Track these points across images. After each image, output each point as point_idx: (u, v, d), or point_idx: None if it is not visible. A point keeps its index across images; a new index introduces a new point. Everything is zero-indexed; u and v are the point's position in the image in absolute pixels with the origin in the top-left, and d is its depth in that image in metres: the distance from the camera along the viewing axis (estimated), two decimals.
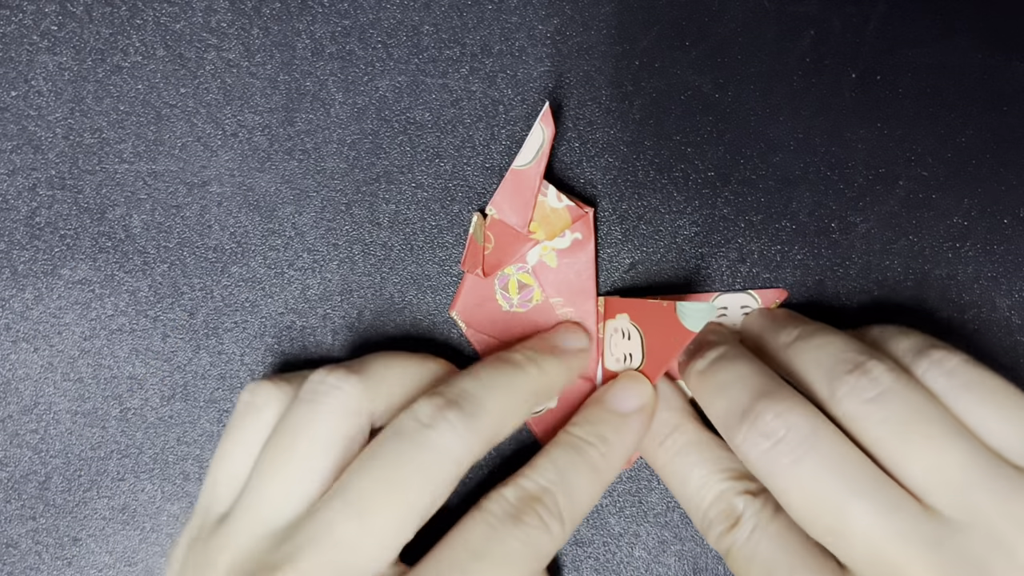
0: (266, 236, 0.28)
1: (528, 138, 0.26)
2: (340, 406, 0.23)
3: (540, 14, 0.28)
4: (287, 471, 0.22)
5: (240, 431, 0.24)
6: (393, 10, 0.28)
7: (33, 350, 0.28)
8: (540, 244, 0.27)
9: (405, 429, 0.22)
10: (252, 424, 0.24)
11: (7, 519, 0.28)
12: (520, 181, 0.26)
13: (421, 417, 0.22)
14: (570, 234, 0.27)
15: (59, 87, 0.28)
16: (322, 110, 0.28)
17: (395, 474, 0.21)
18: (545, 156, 0.26)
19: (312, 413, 0.23)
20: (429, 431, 0.21)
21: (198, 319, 0.28)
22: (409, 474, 0.21)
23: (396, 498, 0.21)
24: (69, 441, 0.28)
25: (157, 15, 0.28)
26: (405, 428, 0.22)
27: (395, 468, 0.21)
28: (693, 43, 0.28)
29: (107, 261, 0.28)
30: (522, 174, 0.26)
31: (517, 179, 0.26)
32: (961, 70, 0.28)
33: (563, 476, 0.23)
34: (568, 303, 0.27)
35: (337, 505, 0.21)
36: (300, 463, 0.22)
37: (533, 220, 0.27)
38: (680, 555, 0.28)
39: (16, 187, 0.28)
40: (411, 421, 0.22)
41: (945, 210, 0.28)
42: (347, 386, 0.23)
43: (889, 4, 0.28)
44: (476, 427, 0.22)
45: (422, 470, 0.21)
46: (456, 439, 0.21)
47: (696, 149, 0.28)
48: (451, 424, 0.22)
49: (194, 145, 0.28)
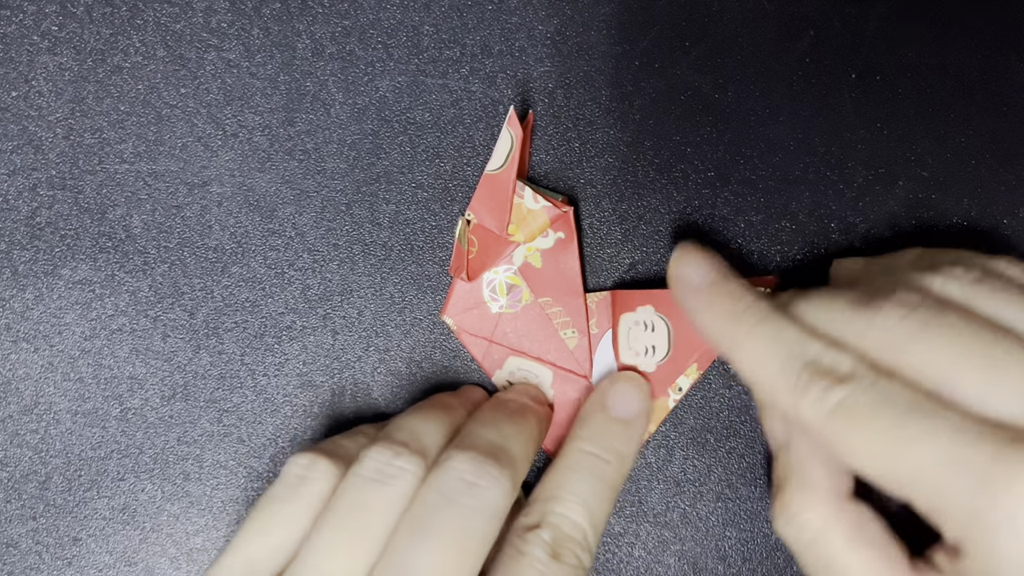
0: (266, 236, 0.28)
1: (498, 142, 0.26)
2: (410, 489, 0.22)
3: (540, 14, 0.28)
4: (357, 548, 0.22)
5: (290, 504, 0.23)
6: (393, 10, 0.28)
7: (33, 350, 0.28)
8: (524, 246, 0.27)
9: (452, 492, 0.22)
10: (306, 498, 0.23)
11: (7, 519, 0.28)
12: (494, 185, 0.26)
13: (466, 475, 0.22)
14: (553, 234, 0.27)
15: (59, 87, 0.28)
16: (322, 110, 0.28)
17: (459, 543, 0.21)
18: (516, 159, 0.25)
19: (382, 494, 0.22)
20: (478, 489, 0.22)
21: (198, 319, 0.28)
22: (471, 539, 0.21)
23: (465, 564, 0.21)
24: (69, 441, 0.28)
25: (157, 15, 0.28)
26: (452, 491, 0.22)
27: (458, 536, 0.21)
28: (693, 43, 0.28)
29: (107, 261, 0.28)
30: (495, 178, 0.26)
31: (491, 183, 0.26)
32: (961, 70, 0.28)
33: (588, 506, 0.23)
34: (557, 302, 0.27)
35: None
36: (372, 544, 0.22)
37: (511, 222, 0.27)
38: (680, 555, 0.28)
39: (16, 187, 0.28)
40: (456, 482, 0.22)
41: (945, 210, 0.28)
42: (414, 468, 0.23)
43: (889, 4, 0.28)
44: (515, 477, 0.22)
45: (480, 532, 0.21)
46: (502, 493, 0.22)
47: (696, 149, 0.28)
48: (495, 478, 0.22)
49: (194, 145, 0.28)
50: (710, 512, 0.28)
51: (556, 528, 0.23)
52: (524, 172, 0.28)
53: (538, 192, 0.26)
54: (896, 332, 0.20)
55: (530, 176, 0.28)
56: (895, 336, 0.20)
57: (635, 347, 0.27)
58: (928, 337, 0.20)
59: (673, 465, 0.28)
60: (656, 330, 0.26)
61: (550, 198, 0.27)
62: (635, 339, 0.27)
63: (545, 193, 0.27)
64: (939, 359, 0.20)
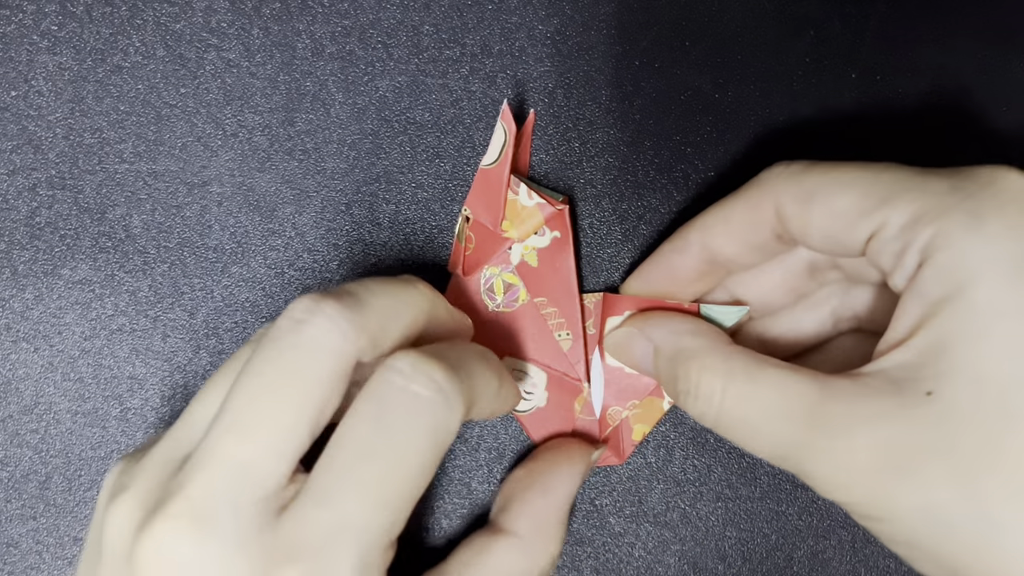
0: (266, 236, 0.28)
1: (492, 138, 0.26)
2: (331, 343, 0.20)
3: (540, 14, 0.28)
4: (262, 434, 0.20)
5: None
6: (393, 10, 0.28)
7: (33, 350, 0.28)
8: (521, 244, 0.27)
9: (279, 330, 0.20)
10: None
11: (8, 519, 0.28)
12: (488, 179, 0.26)
13: (295, 314, 0.20)
14: (549, 232, 0.27)
15: (59, 87, 0.28)
16: (322, 110, 0.28)
17: (272, 380, 0.19)
18: (509, 154, 0.26)
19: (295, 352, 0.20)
20: (304, 326, 0.19)
21: (198, 319, 0.28)
22: (286, 377, 0.19)
23: (277, 407, 0.19)
24: (69, 441, 0.28)
25: (157, 15, 0.28)
26: (278, 328, 0.20)
27: (271, 375, 0.19)
28: (693, 43, 0.28)
29: (107, 261, 0.28)
30: (489, 172, 0.26)
31: (486, 178, 0.26)
32: (961, 70, 0.28)
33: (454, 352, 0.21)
34: (552, 303, 0.27)
35: (220, 426, 0.19)
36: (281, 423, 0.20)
37: (505, 219, 0.27)
38: (680, 555, 0.28)
39: (16, 187, 0.28)
40: (284, 321, 0.20)
41: None
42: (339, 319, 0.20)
43: (889, 4, 0.28)
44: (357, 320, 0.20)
45: (299, 370, 0.19)
46: (336, 331, 0.19)
47: (696, 149, 0.28)
48: (329, 316, 0.19)
49: (194, 145, 0.28)
50: (710, 512, 0.28)
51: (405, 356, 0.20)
52: (524, 171, 0.28)
53: (533, 189, 0.26)
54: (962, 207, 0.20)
55: (531, 176, 0.28)
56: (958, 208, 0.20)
57: None
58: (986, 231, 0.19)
59: (673, 465, 0.28)
60: None
61: (546, 196, 0.27)
62: None
63: (542, 191, 0.27)
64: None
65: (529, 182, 0.27)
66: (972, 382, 0.18)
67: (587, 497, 0.28)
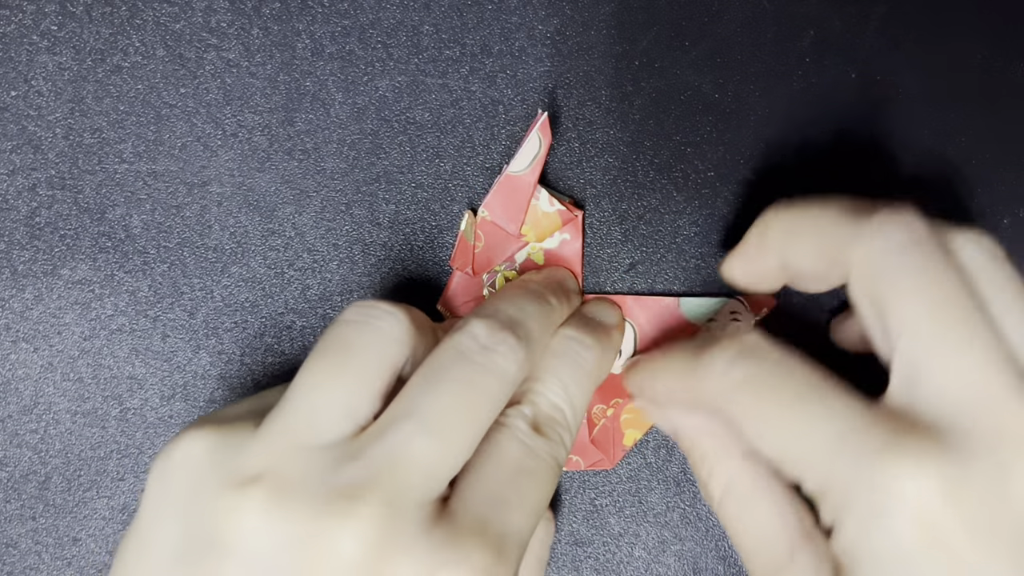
0: (266, 236, 0.28)
1: (525, 145, 0.26)
2: (394, 333, 0.21)
3: (540, 14, 0.28)
4: (341, 384, 0.21)
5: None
6: (393, 10, 0.28)
7: (33, 350, 0.28)
8: (529, 244, 0.27)
9: (468, 350, 0.21)
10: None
11: (7, 519, 0.28)
12: (515, 187, 0.26)
13: (480, 339, 0.22)
14: (559, 235, 0.27)
15: (59, 87, 0.28)
16: (322, 110, 0.28)
17: (467, 395, 0.21)
18: (540, 164, 0.26)
19: (368, 335, 0.21)
20: (492, 354, 0.21)
21: (198, 319, 0.28)
22: (479, 396, 0.21)
23: (470, 419, 0.21)
24: (69, 441, 0.28)
25: (157, 15, 0.28)
26: (468, 349, 0.21)
27: (467, 389, 0.21)
28: (693, 43, 0.28)
29: (107, 261, 0.28)
30: (517, 180, 0.26)
31: (512, 184, 0.26)
32: (961, 70, 0.28)
33: (568, 391, 0.23)
34: None
35: (412, 426, 0.20)
36: (356, 378, 0.21)
37: (525, 223, 0.27)
38: (680, 555, 0.28)
39: (16, 187, 0.28)
40: (471, 342, 0.21)
41: (945, 210, 0.28)
42: (400, 314, 0.22)
43: (889, 4, 0.28)
44: (529, 352, 0.22)
45: (489, 392, 0.21)
46: (515, 365, 0.22)
47: (696, 149, 0.28)
48: (511, 347, 0.22)
49: (194, 145, 0.28)
50: (710, 512, 0.28)
51: (536, 405, 0.23)
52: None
53: (553, 195, 0.27)
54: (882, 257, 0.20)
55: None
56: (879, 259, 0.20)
57: None
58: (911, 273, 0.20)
59: (673, 465, 0.28)
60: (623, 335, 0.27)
61: (564, 201, 0.27)
62: None
63: (559, 196, 0.27)
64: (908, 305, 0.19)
65: (549, 189, 0.27)
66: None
67: (587, 497, 0.28)
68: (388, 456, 0.19)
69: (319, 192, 0.28)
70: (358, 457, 0.20)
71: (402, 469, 0.19)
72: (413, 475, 0.19)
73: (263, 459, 0.20)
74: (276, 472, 0.19)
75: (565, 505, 0.28)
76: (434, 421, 0.20)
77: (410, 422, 0.20)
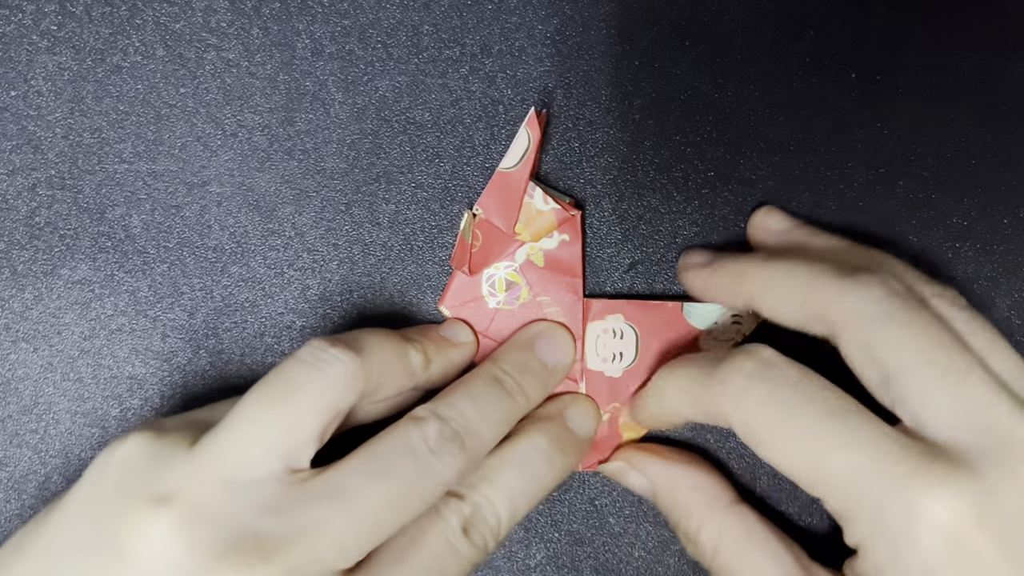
0: (266, 236, 0.28)
1: (514, 141, 0.26)
2: (341, 379, 0.22)
3: (540, 14, 0.28)
4: (277, 423, 0.21)
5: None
6: (393, 10, 0.28)
7: (33, 350, 0.28)
8: (528, 244, 0.27)
9: (415, 449, 0.22)
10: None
11: (7, 519, 0.28)
12: (506, 183, 0.26)
13: (430, 441, 0.22)
14: (558, 235, 0.27)
15: (59, 87, 0.28)
16: (322, 110, 0.28)
17: (402, 493, 0.21)
18: (531, 160, 0.26)
19: (313, 376, 0.21)
20: (435, 460, 0.22)
21: (198, 319, 0.28)
22: (413, 496, 0.22)
23: (399, 515, 0.21)
24: (69, 441, 0.28)
25: (157, 15, 0.28)
26: (415, 448, 0.22)
27: (403, 487, 0.21)
28: (693, 43, 0.28)
29: (107, 261, 0.28)
30: (508, 176, 0.26)
31: (503, 181, 0.26)
32: (961, 70, 0.28)
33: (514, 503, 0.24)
34: (555, 302, 0.27)
35: (341, 505, 0.20)
36: (293, 419, 0.21)
37: (519, 222, 0.27)
38: (680, 555, 0.28)
39: (16, 187, 0.28)
40: (420, 443, 0.22)
41: (945, 210, 0.28)
42: (349, 361, 0.22)
43: (889, 4, 0.28)
44: (471, 462, 0.23)
45: (423, 494, 0.22)
46: (455, 473, 0.22)
47: (696, 149, 0.28)
48: (455, 458, 0.22)
49: (194, 145, 0.28)
50: None
51: (477, 507, 0.23)
52: (534, 171, 0.28)
53: (548, 193, 0.27)
54: (870, 310, 0.21)
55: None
56: (868, 312, 0.21)
57: (603, 354, 0.27)
58: (900, 323, 0.21)
59: None
60: (624, 337, 0.27)
61: (559, 200, 0.27)
62: (603, 346, 0.27)
63: (555, 195, 0.27)
64: (903, 349, 0.20)
65: (544, 186, 0.27)
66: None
67: (587, 497, 0.28)
68: (308, 525, 0.20)
69: (319, 192, 0.28)
70: (279, 513, 0.20)
71: (317, 541, 0.20)
72: (325, 550, 0.20)
73: (185, 481, 0.20)
74: (193, 499, 0.20)
75: (565, 505, 0.28)
76: (363, 509, 0.21)
77: (340, 501, 0.20)
